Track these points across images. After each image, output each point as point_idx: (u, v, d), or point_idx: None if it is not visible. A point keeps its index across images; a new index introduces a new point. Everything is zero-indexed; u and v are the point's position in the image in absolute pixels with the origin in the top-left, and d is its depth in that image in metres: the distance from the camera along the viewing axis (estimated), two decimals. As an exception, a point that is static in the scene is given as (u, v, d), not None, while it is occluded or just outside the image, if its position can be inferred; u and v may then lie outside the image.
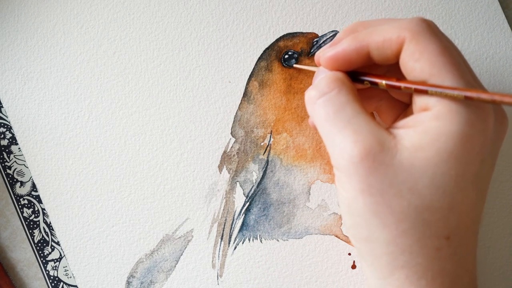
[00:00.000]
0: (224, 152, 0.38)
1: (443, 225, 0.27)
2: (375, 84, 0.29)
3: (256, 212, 0.38)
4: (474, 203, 0.28)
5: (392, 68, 0.31)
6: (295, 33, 0.38)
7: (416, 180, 0.26)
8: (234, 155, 0.38)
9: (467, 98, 0.26)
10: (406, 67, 0.28)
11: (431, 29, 0.28)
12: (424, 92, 0.27)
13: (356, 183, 0.27)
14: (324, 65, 0.30)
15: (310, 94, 0.29)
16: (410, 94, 0.30)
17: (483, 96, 0.25)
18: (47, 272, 0.37)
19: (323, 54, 0.30)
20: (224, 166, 0.38)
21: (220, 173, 0.38)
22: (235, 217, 0.38)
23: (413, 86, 0.27)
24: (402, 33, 0.27)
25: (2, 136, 0.38)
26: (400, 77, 0.29)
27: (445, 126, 0.26)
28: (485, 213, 0.38)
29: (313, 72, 0.38)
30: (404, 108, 0.33)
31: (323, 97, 0.29)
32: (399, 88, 0.28)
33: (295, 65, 0.38)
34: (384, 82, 0.29)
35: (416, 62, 0.27)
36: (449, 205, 0.27)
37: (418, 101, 0.28)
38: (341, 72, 0.30)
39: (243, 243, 0.37)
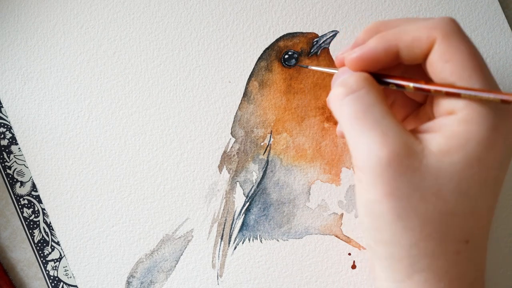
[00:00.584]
0: (224, 152, 0.38)
1: (464, 229, 0.27)
2: (402, 87, 0.29)
3: (256, 212, 0.38)
4: (490, 207, 0.28)
5: (409, 69, 0.31)
6: (295, 33, 0.38)
7: (442, 185, 0.26)
8: (234, 155, 0.38)
9: (503, 101, 0.25)
10: (434, 68, 0.27)
11: (461, 30, 0.27)
12: (457, 96, 0.26)
13: (382, 185, 0.27)
14: (350, 66, 0.29)
15: (337, 91, 0.29)
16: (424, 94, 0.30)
17: None
18: (47, 272, 0.37)
19: (349, 54, 0.29)
20: (224, 166, 0.38)
21: (220, 173, 0.38)
22: (235, 217, 0.38)
23: (445, 89, 0.27)
24: (432, 32, 0.27)
25: (2, 136, 0.38)
26: (419, 78, 0.29)
27: (473, 131, 0.26)
28: (485, 213, 0.38)
29: (315, 73, 0.38)
30: (415, 107, 0.32)
31: (352, 94, 0.28)
32: (428, 91, 0.28)
33: (310, 67, 0.37)
34: (412, 85, 0.28)
35: (446, 63, 0.27)
36: (471, 210, 0.27)
37: (443, 103, 0.27)
38: (367, 73, 0.29)
39: (243, 243, 0.37)
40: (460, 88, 0.26)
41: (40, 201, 0.38)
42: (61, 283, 0.37)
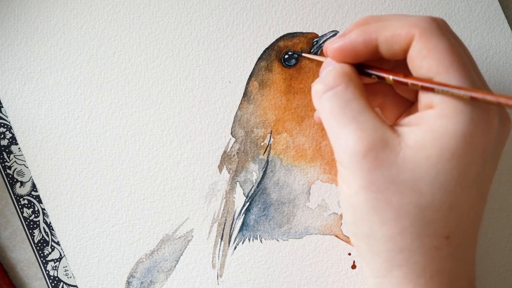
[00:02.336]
0: (224, 152, 0.38)
1: (443, 225, 0.27)
2: (382, 78, 0.29)
3: (256, 212, 0.38)
4: (475, 204, 0.28)
5: (399, 64, 0.31)
6: (295, 33, 0.38)
7: (418, 179, 0.26)
8: (234, 155, 0.38)
9: (472, 98, 0.26)
10: (413, 64, 0.28)
11: (440, 28, 0.28)
12: (431, 90, 0.27)
13: (358, 178, 0.27)
14: (331, 56, 0.30)
15: (317, 88, 0.29)
16: (415, 91, 0.30)
17: (489, 97, 0.25)
18: (47, 272, 0.37)
19: (331, 44, 0.30)
20: (224, 166, 0.38)
21: (220, 173, 0.38)
22: (235, 217, 0.38)
23: (420, 83, 0.27)
24: (411, 29, 0.27)
25: (2, 136, 0.38)
26: (407, 73, 0.29)
27: (449, 125, 0.26)
28: (485, 213, 0.38)
29: (315, 73, 0.38)
30: (408, 106, 0.33)
31: (330, 91, 0.29)
32: (406, 84, 0.28)
33: (303, 54, 0.37)
34: (391, 77, 0.29)
35: (424, 60, 0.27)
36: (450, 205, 0.27)
37: (423, 98, 0.28)
38: (349, 64, 0.29)
39: (243, 243, 0.37)
40: (434, 83, 0.27)
41: (40, 201, 0.38)
42: (61, 283, 0.37)
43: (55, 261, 0.37)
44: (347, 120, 0.28)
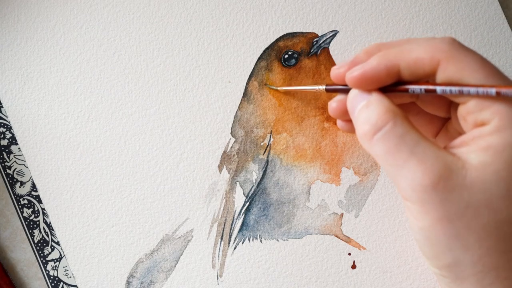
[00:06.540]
0: (224, 152, 0.38)
1: None
2: (406, 91, 0.29)
3: (256, 212, 0.38)
4: None
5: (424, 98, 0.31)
6: (295, 33, 0.38)
7: (491, 196, 0.26)
8: (234, 155, 0.38)
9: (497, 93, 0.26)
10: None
11: (461, 46, 0.28)
12: (469, 96, 0.27)
13: (432, 211, 0.27)
14: (353, 84, 0.29)
15: (363, 130, 0.28)
16: (447, 108, 0.30)
17: None
18: (47, 272, 0.37)
19: (350, 72, 0.29)
20: (224, 166, 0.38)
21: (220, 173, 0.38)
22: (235, 217, 0.38)
23: (455, 88, 0.27)
24: (436, 54, 0.27)
25: (2, 136, 0.38)
26: (434, 107, 0.29)
27: (507, 137, 0.26)
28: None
29: (315, 73, 0.38)
30: (441, 123, 0.32)
31: (379, 132, 0.28)
32: (434, 91, 0.28)
33: (327, 88, 0.33)
34: (423, 87, 0.28)
35: (462, 80, 0.27)
36: None
37: (470, 118, 0.28)
38: (375, 90, 0.29)
39: (243, 243, 0.37)
40: (497, 86, 0.26)
41: (40, 201, 0.38)
42: (61, 283, 0.37)
43: (55, 261, 0.37)
44: (405, 155, 0.27)
